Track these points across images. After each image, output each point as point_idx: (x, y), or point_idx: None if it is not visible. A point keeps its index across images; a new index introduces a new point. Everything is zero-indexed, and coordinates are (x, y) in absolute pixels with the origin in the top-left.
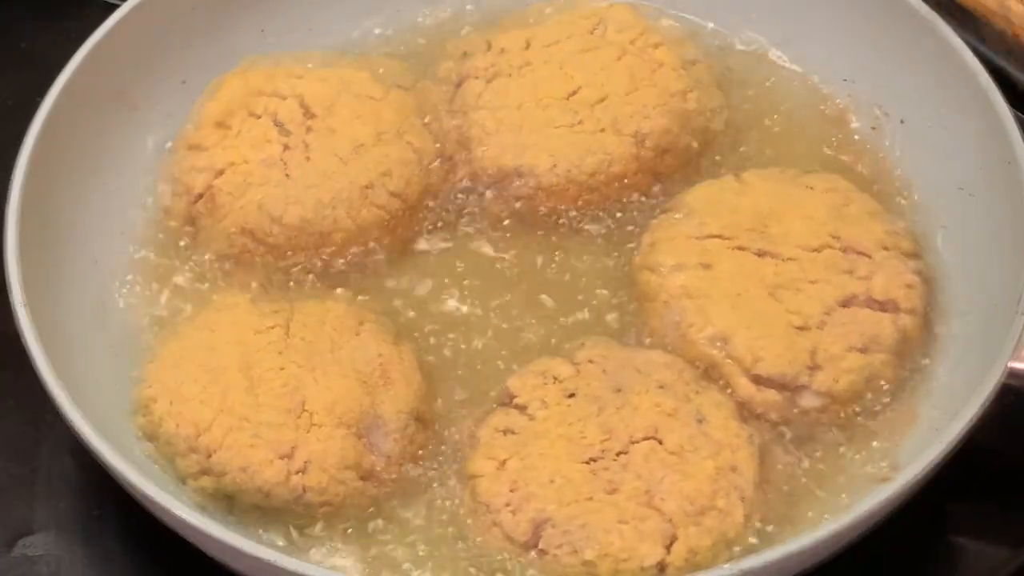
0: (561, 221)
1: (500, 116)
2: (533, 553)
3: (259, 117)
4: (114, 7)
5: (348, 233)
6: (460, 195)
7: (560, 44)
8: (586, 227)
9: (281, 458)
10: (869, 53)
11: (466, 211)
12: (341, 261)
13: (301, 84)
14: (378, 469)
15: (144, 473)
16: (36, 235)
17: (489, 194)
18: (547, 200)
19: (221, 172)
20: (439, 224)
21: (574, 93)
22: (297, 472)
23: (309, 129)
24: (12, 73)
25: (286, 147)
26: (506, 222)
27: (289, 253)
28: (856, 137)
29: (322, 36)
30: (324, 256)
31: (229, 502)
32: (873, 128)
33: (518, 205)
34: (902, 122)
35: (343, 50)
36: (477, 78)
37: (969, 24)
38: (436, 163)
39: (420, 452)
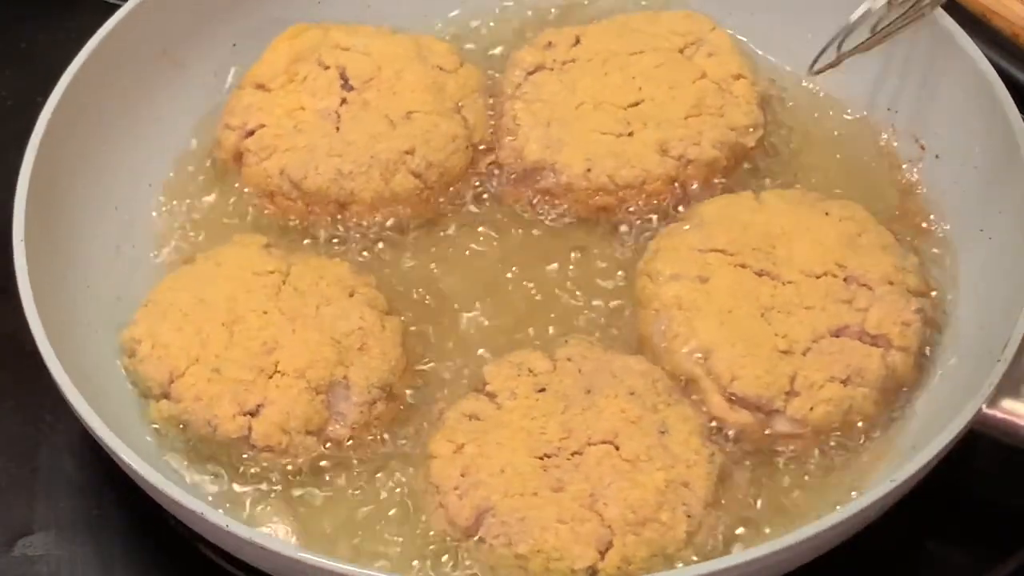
0: (575, 219)
1: (558, 112)
2: (473, 539)
3: (327, 68)
4: (115, 7)
5: (378, 195)
6: (483, 180)
7: (644, 55)
8: (598, 227)
9: (236, 397)
10: (916, 86)
11: (485, 197)
12: (362, 224)
13: (376, 43)
14: (334, 432)
15: (148, 462)
16: (43, 229)
17: (514, 182)
18: (568, 199)
19: (278, 114)
20: (458, 206)
21: (635, 105)
22: (247, 413)
23: (372, 88)
24: (12, 73)
25: (344, 101)
26: (525, 214)
27: (317, 206)
28: (889, 167)
29: (377, 13)
30: (347, 216)
31: (183, 429)
32: (909, 160)
33: (538, 199)
34: (937, 157)
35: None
36: (551, 70)
37: (969, 24)
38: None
39: (385, 425)
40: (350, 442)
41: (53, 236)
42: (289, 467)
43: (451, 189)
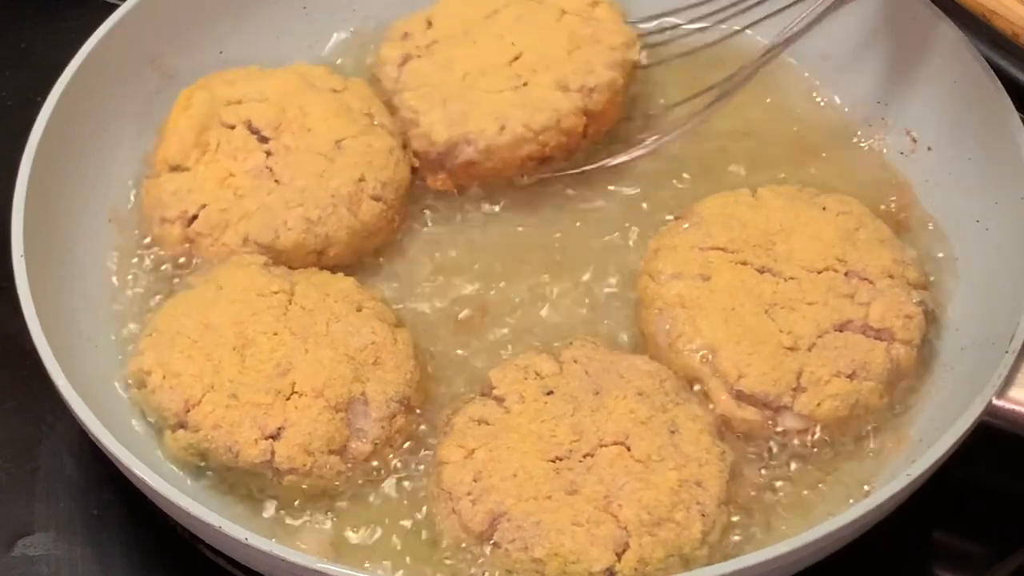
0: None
1: (446, 89)
2: (487, 545)
3: (233, 127)
4: (114, 7)
5: (352, 231)
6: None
7: (499, 13)
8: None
9: (256, 421)
10: (904, 77)
11: (444, 193)
12: (345, 257)
13: (266, 86)
14: (356, 449)
15: (156, 469)
16: (41, 241)
17: (434, 168)
18: (494, 162)
19: (211, 188)
20: (430, 210)
21: (516, 59)
22: (269, 437)
23: (285, 131)
24: (12, 73)
25: (268, 153)
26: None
27: (293, 262)
28: (882, 160)
29: (363, 14)
30: (330, 254)
31: (203, 458)
32: (901, 153)
33: (469, 173)
34: (930, 149)
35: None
36: (420, 56)
37: (970, 24)
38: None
39: (406, 437)
40: (374, 458)
41: (51, 247)
42: (311, 487)
43: (414, 197)
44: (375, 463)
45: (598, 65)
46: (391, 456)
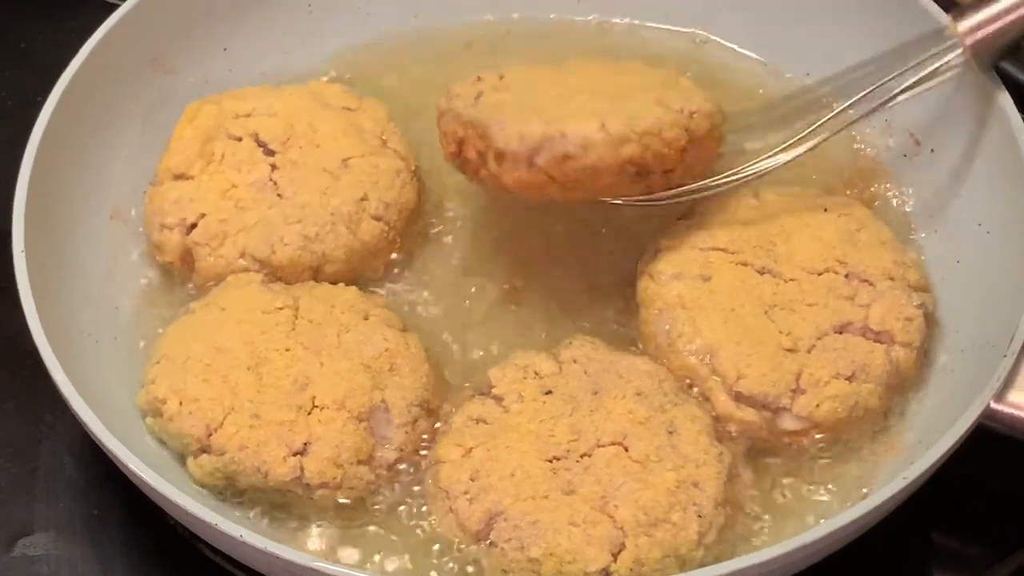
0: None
1: (534, 103)
2: (483, 544)
3: (240, 139)
4: (114, 7)
5: (350, 249)
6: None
7: (566, 65)
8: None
9: (281, 439)
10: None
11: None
12: (343, 276)
13: (277, 102)
14: (383, 457)
15: (156, 469)
16: (42, 239)
17: (527, 163)
18: (592, 158)
19: (212, 199)
20: (437, 227)
21: (609, 84)
22: (296, 453)
23: (293, 146)
24: (12, 73)
25: (274, 167)
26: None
27: (288, 279)
28: (885, 162)
29: (363, 14)
30: (326, 272)
31: (230, 480)
32: (904, 155)
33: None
34: (932, 151)
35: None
36: (496, 90)
37: None
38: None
39: (428, 440)
40: (400, 464)
41: (52, 245)
42: (341, 496)
43: (421, 220)
44: (403, 468)
45: (696, 96)
46: (420, 459)
